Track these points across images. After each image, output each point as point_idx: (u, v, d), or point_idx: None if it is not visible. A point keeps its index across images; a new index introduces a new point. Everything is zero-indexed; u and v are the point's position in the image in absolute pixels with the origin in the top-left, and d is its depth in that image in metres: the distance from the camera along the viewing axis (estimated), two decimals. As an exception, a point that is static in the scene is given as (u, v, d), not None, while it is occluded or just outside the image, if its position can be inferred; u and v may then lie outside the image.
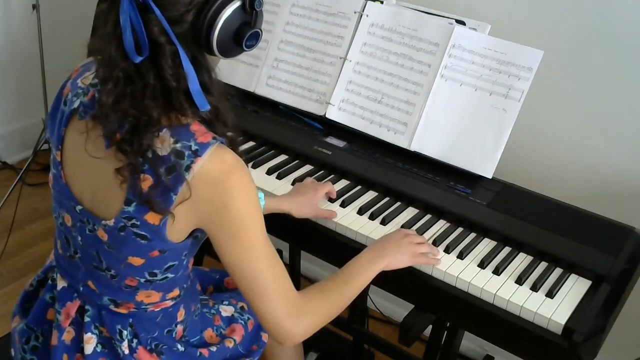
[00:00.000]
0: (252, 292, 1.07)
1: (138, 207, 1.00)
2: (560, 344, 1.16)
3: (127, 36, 0.92)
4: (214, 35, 0.97)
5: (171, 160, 0.98)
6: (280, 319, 1.08)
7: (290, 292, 1.09)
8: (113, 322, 1.16)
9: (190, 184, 0.98)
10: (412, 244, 1.28)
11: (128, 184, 0.99)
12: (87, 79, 1.08)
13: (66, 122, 1.09)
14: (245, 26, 1.01)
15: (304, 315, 1.10)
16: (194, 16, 0.96)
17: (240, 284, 1.08)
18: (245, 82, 1.75)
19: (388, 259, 1.24)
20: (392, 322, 2.26)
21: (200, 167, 0.98)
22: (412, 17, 1.59)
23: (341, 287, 1.19)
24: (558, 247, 1.32)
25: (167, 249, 1.05)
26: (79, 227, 1.10)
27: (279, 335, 1.10)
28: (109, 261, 1.09)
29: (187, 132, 1.00)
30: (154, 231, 1.02)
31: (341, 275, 1.21)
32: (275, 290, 1.07)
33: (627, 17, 1.59)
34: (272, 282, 1.07)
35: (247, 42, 1.01)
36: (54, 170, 1.12)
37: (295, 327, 1.09)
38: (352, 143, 1.61)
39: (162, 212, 0.99)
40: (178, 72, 0.96)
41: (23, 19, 2.70)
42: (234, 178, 1.00)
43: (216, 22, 0.96)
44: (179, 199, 0.99)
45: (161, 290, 1.15)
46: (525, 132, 1.62)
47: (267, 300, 1.07)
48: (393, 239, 1.28)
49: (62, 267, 1.19)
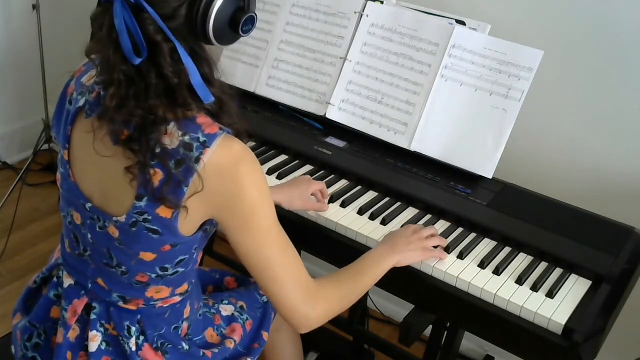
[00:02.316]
0: (267, 278, 1.08)
1: (149, 201, 1.01)
2: (560, 344, 1.16)
3: (124, 39, 0.93)
4: (210, 25, 0.97)
5: (180, 153, 0.98)
6: (296, 304, 1.09)
7: (305, 277, 1.11)
8: (121, 318, 1.16)
9: (201, 175, 0.98)
10: (421, 240, 1.29)
11: (138, 180, 1.00)
12: (92, 77, 1.08)
13: (72, 120, 1.09)
14: (239, 11, 1.01)
15: (319, 300, 1.12)
16: (187, 9, 0.96)
17: (254, 272, 1.09)
18: (245, 82, 1.76)
19: (399, 255, 1.25)
20: (392, 322, 2.26)
21: (210, 158, 0.98)
22: (412, 17, 1.59)
23: (355, 277, 1.21)
24: (558, 247, 1.32)
25: (179, 243, 1.06)
26: (88, 225, 1.10)
27: (295, 319, 1.11)
28: (120, 257, 1.09)
29: (194, 124, 1.00)
30: (165, 225, 1.03)
31: (354, 267, 1.23)
32: (290, 276, 1.09)
33: (627, 16, 1.59)
34: (286, 267, 1.08)
35: (243, 27, 1.01)
36: (62, 169, 1.13)
37: (311, 311, 1.11)
38: (352, 143, 1.61)
39: (174, 205, 1.00)
40: (178, 68, 0.96)
41: (23, 19, 2.70)
42: (243, 167, 1.01)
43: (210, 11, 0.96)
44: (190, 191, 0.99)
45: (171, 285, 1.15)
46: (526, 132, 1.62)
47: (281, 286, 1.08)
48: (403, 236, 1.29)
49: (70, 264, 1.19)
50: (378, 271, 1.23)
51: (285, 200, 1.39)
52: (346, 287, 1.19)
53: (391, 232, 1.33)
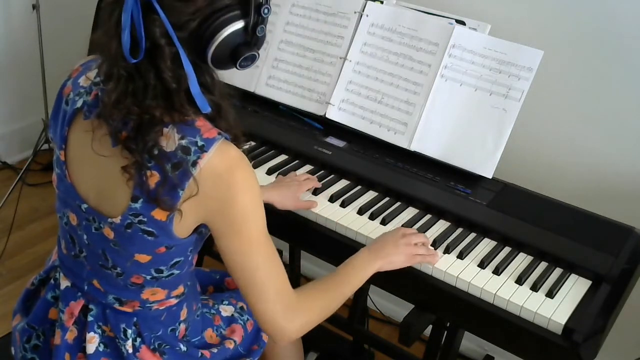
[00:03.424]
0: (250, 287, 1.07)
1: (145, 203, 1.01)
2: (560, 344, 1.16)
3: (125, 36, 0.93)
4: (212, 47, 0.98)
5: (177, 157, 0.98)
6: (275, 317, 1.08)
7: (287, 289, 1.10)
8: (117, 320, 1.16)
9: (197, 180, 0.98)
10: (409, 246, 1.27)
11: (135, 181, 1.00)
12: (89, 78, 1.08)
13: (69, 121, 1.09)
14: (244, 46, 1.01)
15: (298, 313, 1.11)
16: (198, 24, 0.96)
17: (238, 280, 1.08)
18: (245, 82, 1.76)
19: (382, 260, 1.24)
20: (392, 322, 2.26)
21: (207, 163, 0.98)
22: (412, 17, 1.59)
23: (337, 287, 1.19)
24: (558, 247, 1.32)
25: (174, 245, 1.06)
26: (84, 226, 1.10)
27: (274, 332, 1.11)
28: (115, 259, 1.09)
29: (193, 128, 1.00)
30: (160, 227, 1.02)
31: (337, 276, 1.21)
32: (274, 286, 1.08)
33: (627, 16, 1.59)
34: (270, 278, 1.07)
35: (242, 62, 1.02)
36: (58, 170, 1.12)
37: (289, 324, 1.10)
38: (352, 143, 1.61)
39: (169, 208, 1.00)
40: (178, 73, 0.96)
41: (23, 19, 2.70)
42: (239, 173, 1.01)
43: (218, 35, 0.97)
44: (185, 195, 0.99)
45: (166, 288, 1.15)
46: (526, 132, 1.61)
47: (263, 296, 1.07)
48: (391, 240, 1.28)
49: (66, 266, 1.19)
50: (361, 277, 1.22)
51: (278, 201, 1.39)
52: (328, 297, 1.18)
53: (382, 234, 1.31)
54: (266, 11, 0.99)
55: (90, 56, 1.14)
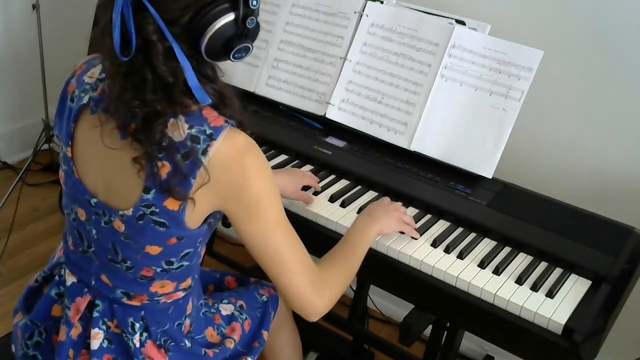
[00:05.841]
0: (275, 266, 1.10)
1: (157, 194, 1.02)
2: (560, 344, 1.16)
3: (116, 33, 0.95)
4: (205, 39, 0.98)
5: (187, 146, 1.00)
6: (306, 292, 1.12)
7: (311, 264, 1.14)
8: (125, 315, 1.16)
9: (208, 168, 1.00)
10: (397, 211, 1.34)
11: (146, 172, 1.01)
12: (94, 75, 1.10)
13: (75, 118, 1.10)
14: (237, 37, 1.01)
15: (325, 286, 1.15)
16: (190, 18, 0.97)
17: (263, 262, 1.11)
18: (245, 82, 1.76)
19: (379, 223, 1.29)
20: (392, 322, 2.26)
21: (216, 150, 1.00)
22: (412, 17, 1.59)
23: (349, 254, 1.24)
24: (558, 247, 1.32)
25: (184, 236, 1.07)
26: (94, 220, 1.11)
27: (304, 306, 1.14)
28: (126, 252, 1.10)
29: (200, 117, 1.02)
30: (173, 218, 1.04)
31: (347, 243, 1.26)
32: (299, 262, 1.11)
33: (627, 16, 1.59)
34: (294, 254, 1.11)
35: (235, 53, 1.02)
36: (65, 166, 1.13)
37: (318, 298, 1.14)
38: (352, 143, 1.61)
39: (182, 197, 1.01)
40: (173, 67, 0.97)
41: (23, 19, 2.70)
42: (249, 158, 1.03)
43: (210, 27, 0.97)
44: (197, 183, 1.01)
45: (175, 280, 1.16)
46: (526, 132, 1.62)
47: (290, 273, 1.10)
48: (381, 206, 1.34)
49: (73, 262, 1.20)
50: (367, 242, 1.27)
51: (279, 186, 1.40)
52: (344, 267, 1.22)
53: (369, 205, 1.37)
54: (255, 3, 1.00)
55: (92, 54, 1.15)
